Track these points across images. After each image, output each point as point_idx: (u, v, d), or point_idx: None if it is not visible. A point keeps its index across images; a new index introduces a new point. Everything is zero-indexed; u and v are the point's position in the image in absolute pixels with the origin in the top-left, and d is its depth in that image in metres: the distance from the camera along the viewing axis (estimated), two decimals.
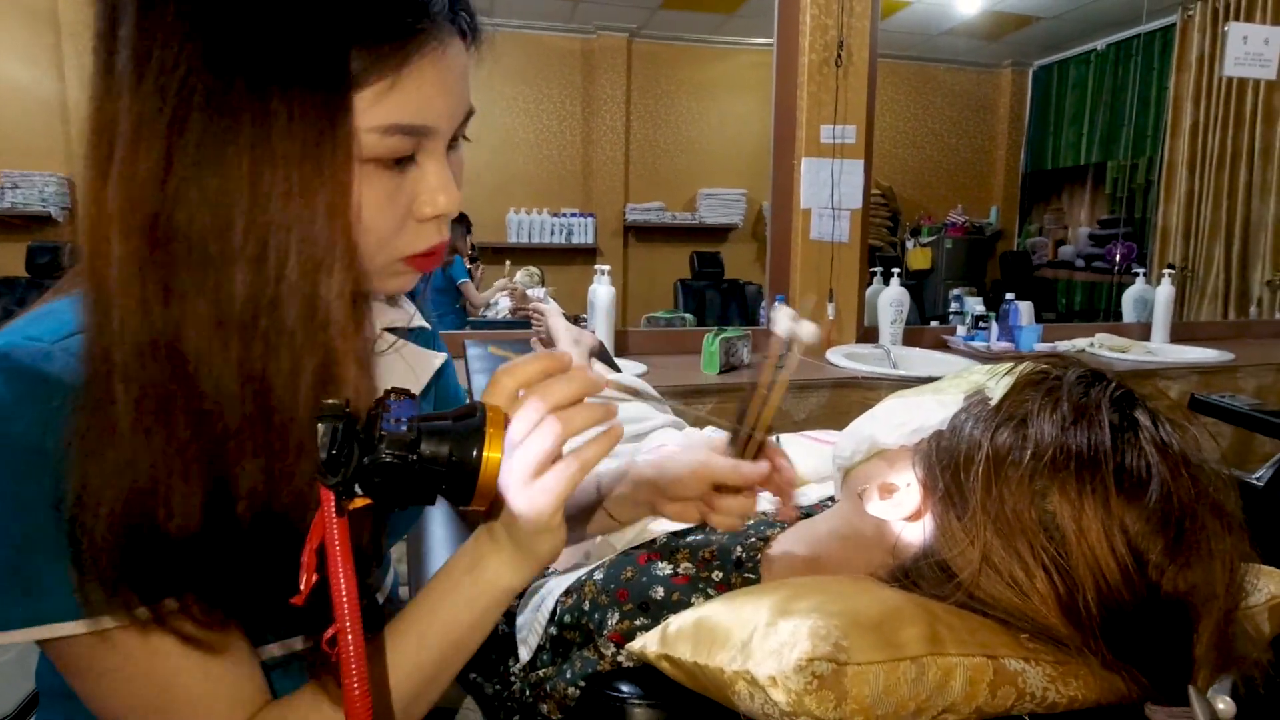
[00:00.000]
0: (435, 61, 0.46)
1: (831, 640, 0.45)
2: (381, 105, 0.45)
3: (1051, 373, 0.56)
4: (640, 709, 0.68)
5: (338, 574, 0.39)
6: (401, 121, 0.46)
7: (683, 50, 4.16)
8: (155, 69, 0.41)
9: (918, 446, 0.59)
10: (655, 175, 4.22)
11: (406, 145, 0.47)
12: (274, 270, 0.43)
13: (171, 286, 0.42)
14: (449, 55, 0.47)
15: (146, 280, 0.42)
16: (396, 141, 0.46)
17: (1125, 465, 0.49)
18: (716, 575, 0.72)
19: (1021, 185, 4.13)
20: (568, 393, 0.47)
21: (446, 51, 0.47)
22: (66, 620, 0.44)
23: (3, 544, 0.44)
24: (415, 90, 0.46)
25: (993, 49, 4.06)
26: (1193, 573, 0.48)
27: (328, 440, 0.39)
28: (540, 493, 0.45)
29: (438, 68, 0.46)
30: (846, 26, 2.29)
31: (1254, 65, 2.68)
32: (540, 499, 0.45)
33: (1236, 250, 3.32)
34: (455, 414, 0.44)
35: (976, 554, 0.51)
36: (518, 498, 0.45)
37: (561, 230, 4.14)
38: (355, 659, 0.38)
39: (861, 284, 2.46)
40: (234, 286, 0.42)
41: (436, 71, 0.46)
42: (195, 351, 0.43)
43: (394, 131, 0.46)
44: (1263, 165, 3.26)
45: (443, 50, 0.47)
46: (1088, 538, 0.48)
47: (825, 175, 2.33)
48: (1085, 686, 0.49)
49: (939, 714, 0.46)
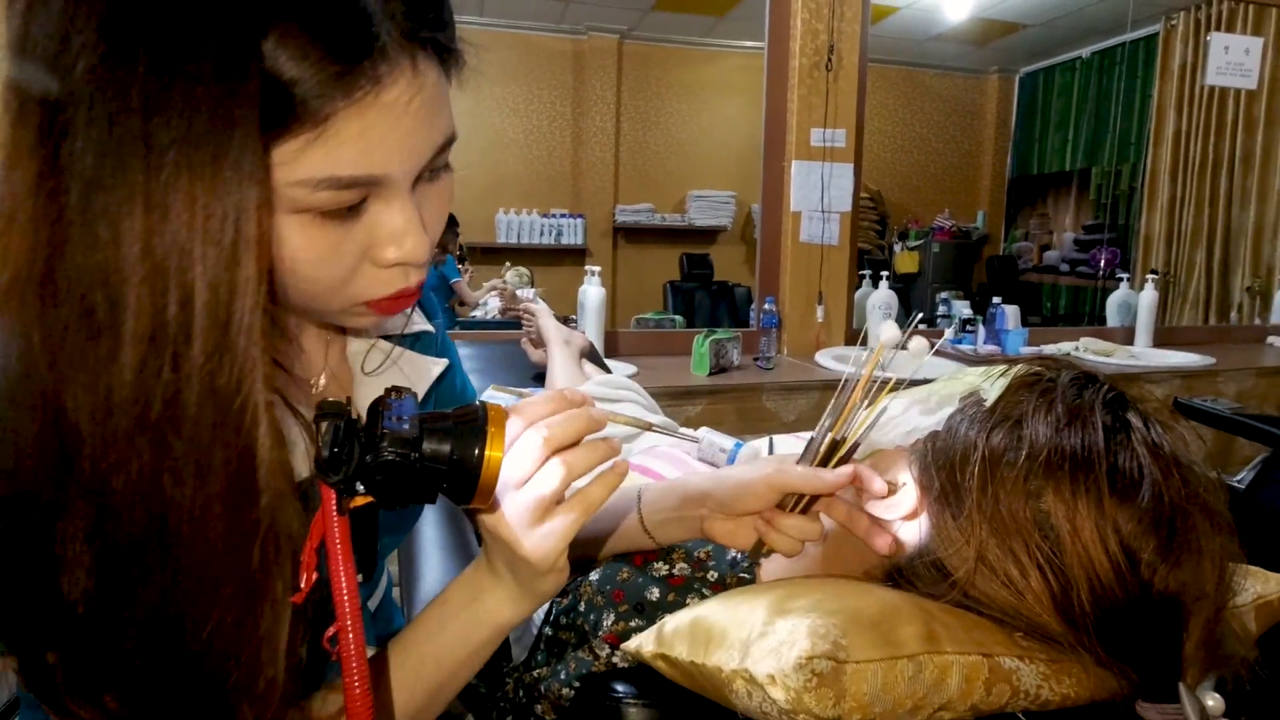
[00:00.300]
0: (376, 103, 0.38)
1: (830, 638, 0.45)
2: (305, 158, 0.37)
3: (1045, 375, 0.57)
4: (635, 709, 0.68)
5: (338, 573, 0.39)
6: (334, 174, 0.38)
7: (673, 52, 4.16)
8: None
9: (913, 447, 0.59)
10: (645, 177, 4.23)
11: (347, 197, 0.40)
12: (170, 344, 0.35)
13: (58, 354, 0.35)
14: (400, 89, 0.39)
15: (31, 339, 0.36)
16: (329, 196, 0.39)
17: (1118, 466, 0.50)
18: (712, 575, 0.72)
19: (1007, 190, 4.18)
20: (571, 432, 0.46)
21: (396, 85, 0.38)
22: None
23: None
24: (350, 139, 0.38)
25: (980, 55, 4.10)
26: (1183, 572, 0.48)
27: (329, 438, 0.39)
28: (546, 537, 0.45)
29: (381, 109, 0.38)
30: (837, 31, 2.31)
31: (1235, 75, 2.73)
32: (546, 543, 0.45)
33: (1217, 257, 3.37)
34: (457, 413, 0.44)
35: (972, 553, 0.52)
36: (523, 541, 0.45)
37: (551, 231, 4.13)
38: (356, 658, 0.38)
39: (850, 287, 2.48)
40: (122, 363, 0.34)
41: (380, 113, 0.38)
42: (88, 438, 0.35)
43: (325, 186, 0.38)
44: (1243, 173, 3.31)
45: (389, 86, 0.38)
46: (1081, 537, 0.49)
47: (815, 178, 2.35)
48: (1078, 684, 0.49)
49: (935, 711, 0.46)
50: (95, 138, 0.33)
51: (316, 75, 0.35)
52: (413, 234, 0.43)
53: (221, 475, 0.36)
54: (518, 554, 0.45)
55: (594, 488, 0.47)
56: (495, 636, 0.51)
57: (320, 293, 0.43)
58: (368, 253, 0.43)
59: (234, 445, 0.36)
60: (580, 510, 0.46)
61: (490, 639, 0.51)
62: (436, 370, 0.64)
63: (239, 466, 0.36)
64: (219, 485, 0.36)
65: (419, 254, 0.43)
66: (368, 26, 0.37)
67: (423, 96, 0.40)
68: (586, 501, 0.46)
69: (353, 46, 0.36)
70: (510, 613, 0.50)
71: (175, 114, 0.33)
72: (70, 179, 0.34)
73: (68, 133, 0.33)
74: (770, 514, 0.61)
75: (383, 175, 0.40)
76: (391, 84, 0.38)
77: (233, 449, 0.36)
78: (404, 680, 0.50)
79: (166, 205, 0.34)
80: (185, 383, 0.35)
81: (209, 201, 0.34)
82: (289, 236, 0.39)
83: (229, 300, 0.35)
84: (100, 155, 0.33)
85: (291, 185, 0.38)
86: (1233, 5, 3.05)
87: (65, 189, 0.34)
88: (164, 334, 0.34)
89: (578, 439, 0.46)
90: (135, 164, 0.33)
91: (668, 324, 3.01)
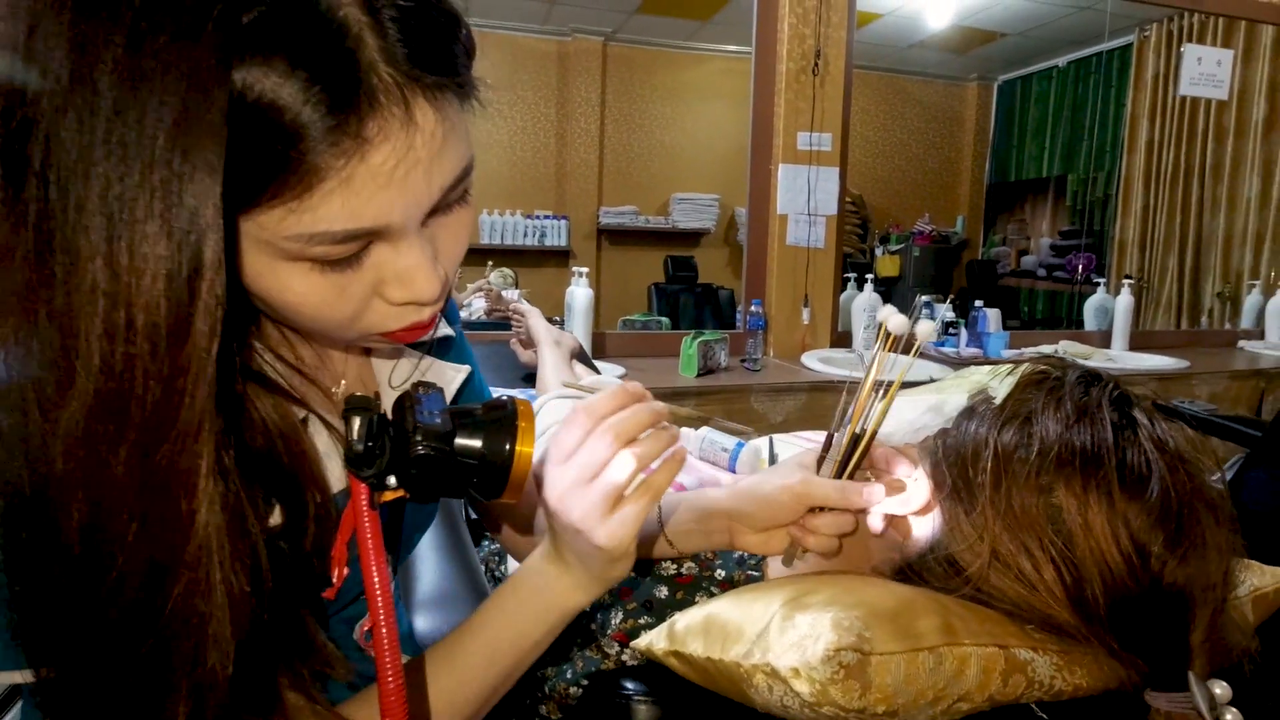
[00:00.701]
0: (362, 166, 0.35)
1: (855, 631, 0.46)
2: (294, 216, 0.35)
3: (1052, 373, 0.58)
4: (645, 706, 0.69)
5: (370, 567, 0.39)
6: (327, 230, 0.36)
7: (657, 55, 4.17)
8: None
9: (923, 444, 0.60)
10: (629, 179, 4.23)
11: (345, 249, 0.38)
12: (114, 413, 0.32)
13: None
14: (388, 151, 0.36)
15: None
16: (325, 249, 0.37)
17: (1127, 462, 0.51)
18: (719, 574, 0.73)
19: (986, 196, 4.24)
20: (637, 426, 0.48)
21: (385, 145, 0.35)
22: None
23: None
24: (336, 199, 0.35)
25: (960, 63, 4.16)
26: (1191, 564, 0.50)
27: (363, 432, 0.39)
28: (619, 525, 0.47)
29: (369, 173, 0.35)
30: (823, 36, 2.33)
31: (1208, 85, 2.80)
32: (619, 530, 0.47)
33: (1189, 263, 3.45)
34: (485, 408, 0.44)
35: (985, 548, 0.53)
36: (598, 530, 0.47)
37: (534, 232, 4.12)
38: (390, 651, 0.38)
39: (836, 289, 2.50)
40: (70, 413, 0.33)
41: (368, 177, 0.35)
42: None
43: (319, 241, 0.36)
44: (1213, 182, 3.40)
45: (377, 146, 0.35)
46: (1093, 532, 0.50)
47: (802, 182, 2.37)
48: (1089, 675, 0.50)
49: (954, 703, 0.47)
50: (59, 160, 0.31)
51: (305, 115, 0.33)
52: (421, 274, 0.41)
53: (139, 561, 0.34)
54: (592, 543, 0.47)
55: (658, 475, 0.49)
56: (565, 620, 0.54)
57: (330, 329, 0.43)
58: (377, 290, 0.42)
59: (161, 534, 0.34)
60: (649, 498, 0.48)
61: (561, 623, 0.54)
62: (460, 377, 0.64)
63: (161, 556, 0.34)
64: (136, 570, 0.34)
65: (429, 293, 0.41)
66: (354, 70, 0.34)
67: (419, 150, 0.37)
68: (653, 489, 0.48)
69: (340, 90, 0.33)
70: (581, 598, 0.53)
71: (137, 141, 0.31)
72: (35, 202, 0.32)
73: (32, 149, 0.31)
74: (803, 518, 0.62)
75: (380, 227, 0.38)
76: (381, 143, 0.35)
77: (159, 537, 0.34)
78: (477, 666, 0.52)
79: (122, 251, 0.31)
80: (118, 459, 0.33)
81: (158, 249, 0.32)
82: (290, 284, 0.38)
83: (176, 379, 0.33)
84: (61, 186, 0.31)
85: (285, 239, 0.36)
86: (1203, 18, 3.13)
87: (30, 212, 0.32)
88: (109, 404, 0.32)
89: (642, 431, 0.48)
90: (93, 208, 0.31)
91: (654, 326, 3.01)
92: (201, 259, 0.32)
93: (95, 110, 0.30)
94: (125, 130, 0.30)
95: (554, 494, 0.48)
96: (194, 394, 0.33)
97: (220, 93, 0.31)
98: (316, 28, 0.33)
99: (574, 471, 0.47)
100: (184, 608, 0.35)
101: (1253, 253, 3.35)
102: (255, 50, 0.32)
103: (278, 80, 0.32)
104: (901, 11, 3.62)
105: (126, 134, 0.30)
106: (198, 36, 0.31)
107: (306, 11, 0.33)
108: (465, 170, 0.42)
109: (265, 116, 0.32)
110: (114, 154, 0.31)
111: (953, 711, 0.47)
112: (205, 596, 0.35)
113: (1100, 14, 3.40)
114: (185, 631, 0.35)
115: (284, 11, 0.32)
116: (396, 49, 0.35)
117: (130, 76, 0.30)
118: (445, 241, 0.43)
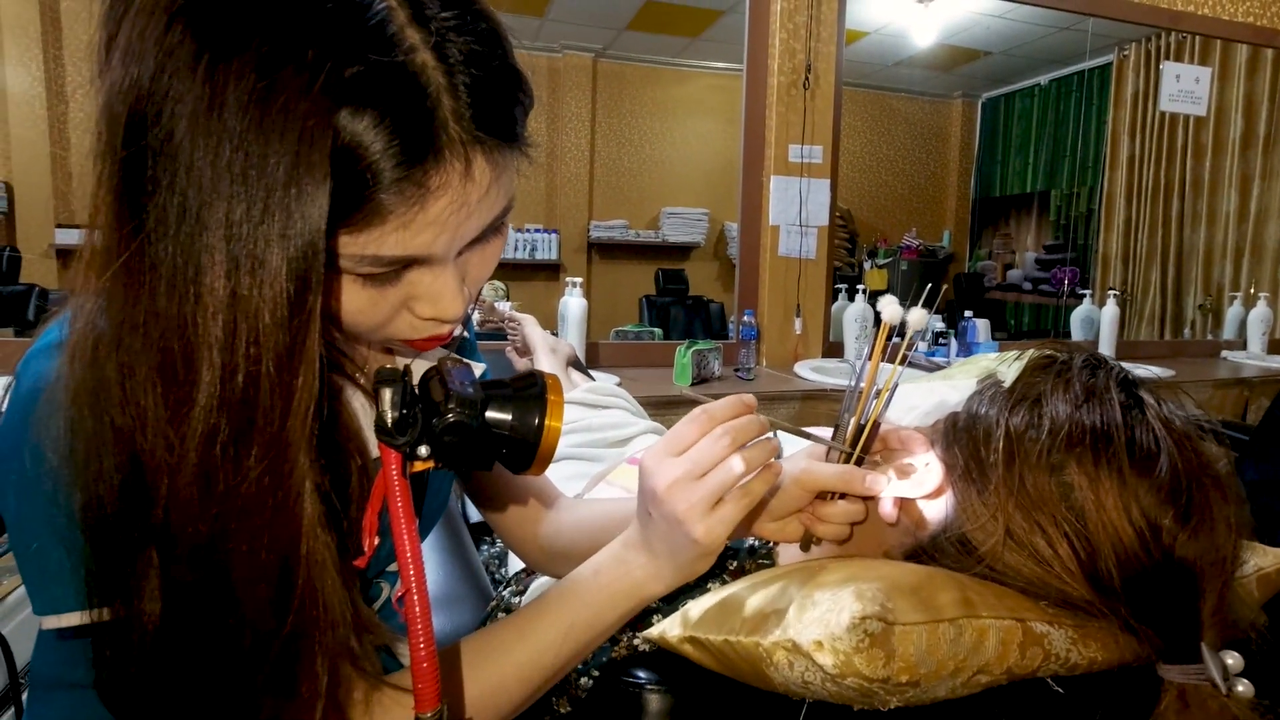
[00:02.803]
0: (421, 214, 0.39)
1: (879, 601, 0.46)
2: (353, 241, 0.39)
3: (1059, 357, 0.59)
4: (657, 695, 0.68)
5: (401, 535, 0.39)
6: (377, 254, 0.40)
7: (647, 71, 4.22)
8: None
9: (934, 427, 0.61)
10: (619, 193, 4.26)
11: (388, 270, 0.42)
12: (237, 423, 0.36)
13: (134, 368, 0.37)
14: (446, 202, 0.39)
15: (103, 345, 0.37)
16: (370, 269, 0.41)
17: (1135, 440, 0.53)
18: (731, 564, 0.73)
19: (971, 210, 4.30)
20: (748, 434, 0.51)
21: (444, 197, 0.39)
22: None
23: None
24: (393, 232, 0.39)
25: (944, 80, 4.24)
26: (1201, 538, 0.51)
27: (397, 399, 0.39)
28: (718, 522, 0.50)
29: (433, 212, 0.39)
30: (814, 51, 2.37)
31: (1186, 102, 2.87)
32: (718, 528, 0.50)
33: (1171, 276, 3.52)
34: (515, 381, 0.45)
35: (999, 527, 0.54)
36: (699, 525, 0.49)
37: (525, 246, 4.13)
38: (422, 619, 0.38)
39: (827, 300, 2.52)
40: (193, 427, 0.36)
41: (429, 216, 0.39)
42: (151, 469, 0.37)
43: (368, 263, 0.40)
44: (1193, 197, 3.47)
45: (437, 197, 0.39)
46: (1105, 508, 0.51)
47: (793, 193, 2.40)
48: (1103, 648, 0.51)
49: (973, 675, 0.48)
50: (188, 184, 0.34)
51: (383, 162, 0.36)
52: (448, 296, 0.44)
53: (270, 551, 0.38)
54: (690, 536, 0.50)
55: (756, 483, 0.52)
56: (639, 608, 0.56)
57: (359, 332, 0.46)
58: (407, 304, 0.45)
59: (283, 525, 0.38)
60: (746, 501, 0.51)
61: (635, 610, 0.56)
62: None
63: (286, 544, 0.39)
64: (269, 558, 0.38)
65: (454, 313, 0.45)
66: (430, 126, 0.38)
67: (471, 202, 0.41)
68: (751, 495, 0.51)
69: (417, 145, 0.37)
70: (660, 588, 0.55)
71: (259, 171, 0.34)
72: (159, 220, 0.35)
73: (160, 173, 0.35)
74: (812, 506, 0.62)
75: (423, 256, 0.42)
76: (440, 194, 0.39)
77: (281, 529, 0.38)
78: (552, 641, 0.54)
79: (245, 267, 0.35)
80: (246, 459, 0.37)
81: (278, 276, 0.35)
82: (333, 292, 0.42)
83: (290, 382, 0.36)
84: (187, 205, 0.35)
85: (340, 258, 0.39)
86: (1180, 40, 3.22)
87: (155, 229, 0.35)
88: (232, 408, 0.36)
89: (751, 439, 0.52)
90: (217, 227, 0.35)
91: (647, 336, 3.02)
92: (310, 277, 0.36)
93: (223, 140, 0.34)
94: (249, 162, 0.34)
95: (662, 484, 0.50)
96: (305, 399, 0.37)
97: (326, 136, 0.35)
98: (405, 88, 0.37)
99: (686, 466, 0.50)
100: (310, 592, 0.39)
101: (1232, 266, 3.41)
102: (353, 101, 0.35)
103: (366, 127, 0.36)
104: (887, 30, 3.68)
105: (249, 165, 0.34)
106: (313, 85, 0.34)
107: (398, 72, 0.36)
108: (506, 209, 0.46)
109: (352, 158, 0.36)
110: (238, 180, 0.34)
111: (972, 684, 0.48)
112: (321, 579, 0.40)
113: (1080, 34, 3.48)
114: (315, 612, 0.40)
115: (380, 71, 0.36)
116: (465, 111, 0.39)
117: (257, 115, 0.34)
118: (475, 266, 0.47)
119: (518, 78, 0.43)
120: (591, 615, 0.54)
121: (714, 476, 0.50)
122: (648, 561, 0.54)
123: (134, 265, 0.35)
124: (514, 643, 0.54)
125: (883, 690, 0.45)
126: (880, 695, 0.46)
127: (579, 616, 0.54)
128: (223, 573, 0.38)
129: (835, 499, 0.62)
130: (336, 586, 0.41)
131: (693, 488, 0.50)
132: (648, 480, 0.52)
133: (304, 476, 0.38)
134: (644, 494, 0.53)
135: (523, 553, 0.80)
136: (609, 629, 0.56)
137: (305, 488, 0.39)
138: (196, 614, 0.39)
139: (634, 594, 0.55)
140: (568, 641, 0.54)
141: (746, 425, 0.52)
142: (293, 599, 0.39)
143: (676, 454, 0.51)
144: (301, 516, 0.39)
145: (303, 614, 0.40)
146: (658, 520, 0.52)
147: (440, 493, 0.69)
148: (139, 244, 0.35)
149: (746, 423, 0.52)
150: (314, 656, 0.41)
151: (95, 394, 0.37)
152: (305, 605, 0.40)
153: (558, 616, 0.54)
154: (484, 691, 0.52)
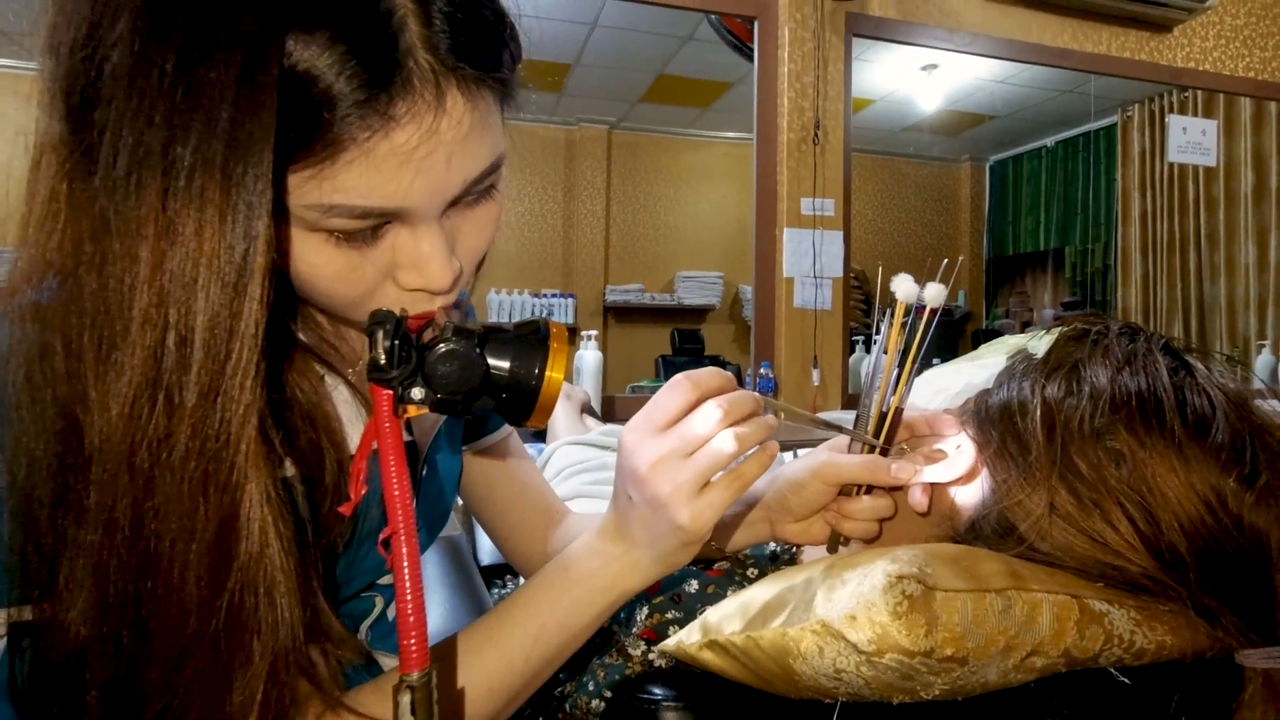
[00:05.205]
0: (385, 142, 0.36)
1: (916, 564, 0.42)
2: (315, 184, 0.37)
3: (1094, 327, 0.56)
4: (674, 712, 0.63)
5: (390, 477, 0.36)
6: (345, 203, 0.37)
7: (660, 140, 4.35)
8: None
9: (963, 407, 0.58)
10: (634, 258, 4.32)
11: (362, 224, 0.39)
12: (163, 387, 0.34)
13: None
14: (410, 132, 0.37)
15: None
16: (342, 222, 0.38)
17: (1187, 401, 0.49)
18: (752, 573, 0.69)
19: (985, 270, 4.30)
20: (742, 409, 0.46)
21: (409, 126, 0.37)
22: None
23: None
24: (357, 172, 0.37)
25: (951, 144, 4.32)
26: (1270, 505, 0.46)
27: (390, 332, 0.37)
28: (705, 507, 0.45)
29: (391, 150, 0.37)
30: (822, 109, 2.43)
31: (1194, 153, 2.89)
32: (705, 513, 0.45)
33: (1195, 329, 3.46)
34: (517, 326, 0.42)
35: (1043, 501, 0.49)
36: (682, 510, 0.44)
37: (542, 311, 4.16)
38: (410, 563, 0.35)
39: (845, 351, 2.50)
40: (120, 394, 0.34)
41: (389, 155, 0.37)
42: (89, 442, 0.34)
43: (337, 213, 0.38)
44: (1210, 249, 3.45)
45: (402, 126, 0.36)
46: (1160, 476, 0.47)
47: (806, 245, 2.41)
48: (1171, 633, 0.46)
49: (1027, 656, 0.43)
50: (121, 145, 0.33)
51: (338, 86, 0.34)
52: (436, 262, 0.41)
53: (203, 532, 0.35)
54: (674, 521, 0.44)
55: (749, 465, 0.46)
56: (617, 604, 0.50)
57: (340, 306, 0.43)
58: (390, 273, 0.42)
59: (218, 506, 0.35)
60: (737, 486, 0.45)
61: (613, 607, 0.50)
62: None
63: (219, 526, 0.35)
64: (200, 542, 0.35)
65: (441, 281, 0.42)
66: (392, 51, 0.35)
67: (443, 135, 0.38)
68: (743, 479, 0.46)
69: (377, 68, 0.35)
70: (639, 581, 0.49)
71: (198, 116, 0.32)
72: (95, 186, 0.33)
73: (96, 133, 0.33)
74: (836, 504, 0.58)
75: (398, 209, 0.39)
76: (407, 123, 0.36)
77: (215, 509, 0.35)
78: (520, 646, 0.48)
79: (176, 231, 0.33)
80: (175, 429, 0.33)
81: (217, 229, 0.33)
82: (304, 253, 0.39)
83: (227, 342, 0.34)
84: (125, 170, 0.33)
85: (305, 208, 0.37)
86: (1183, 98, 3.27)
87: (91, 198, 0.33)
88: (159, 375, 0.33)
89: (743, 416, 0.46)
90: (152, 183, 0.32)
91: None
92: (256, 224, 0.33)
93: (162, 75, 0.32)
94: (189, 92, 0.32)
95: (645, 462, 0.45)
96: (245, 359, 0.34)
97: (272, 59, 0.33)
98: (362, 8, 0.35)
99: (673, 443, 0.45)
100: (248, 587, 0.36)
101: (1256, 317, 3.36)
102: (302, 23, 0.33)
103: (317, 51, 0.34)
104: (893, 97, 3.78)
105: (188, 95, 0.32)
106: (255, 4, 0.32)
107: None
108: (493, 165, 0.42)
109: (301, 83, 0.34)
110: (177, 111, 0.32)
111: (1026, 666, 0.43)
112: (263, 575, 0.36)
113: (1083, 97, 3.55)
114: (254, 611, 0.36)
115: None
116: (439, 39, 0.37)
117: (198, 42, 0.32)
118: (466, 234, 0.44)
119: (501, 13, 0.41)
120: (562, 615, 0.48)
121: (703, 455, 0.44)
122: (624, 551, 0.48)
123: (76, 219, 0.34)
124: (484, 648, 0.48)
125: (925, 668, 0.40)
126: (922, 676, 0.41)
127: (549, 618, 0.48)
128: (154, 561, 0.34)
129: (860, 493, 0.58)
130: (288, 587, 0.37)
131: (679, 467, 0.44)
132: (628, 459, 0.46)
133: (245, 459, 0.35)
134: (623, 474, 0.47)
135: (529, 570, 0.76)
136: (586, 629, 0.50)
137: (245, 471, 0.35)
138: (125, 609, 0.35)
139: (611, 589, 0.49)
140: (538, 645, 0.48)
141: (740, 400, 0.46)
142: (223, 593, 0.35)
143: (660, 429, 0.46)
144: (241, 501, 0.35)
145: (237, 612, 0.36)
146: (639, 504, 0.46)
147: (441, 501, 0.66)
148: (82, 194, 0.34)
149: (739, 397, 0.46)
150: (248, 661, 0.36)
151: (33, 363, 0.35)
152: (241, 602, 0.36)
153: (526, 618, 0.48)
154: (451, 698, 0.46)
